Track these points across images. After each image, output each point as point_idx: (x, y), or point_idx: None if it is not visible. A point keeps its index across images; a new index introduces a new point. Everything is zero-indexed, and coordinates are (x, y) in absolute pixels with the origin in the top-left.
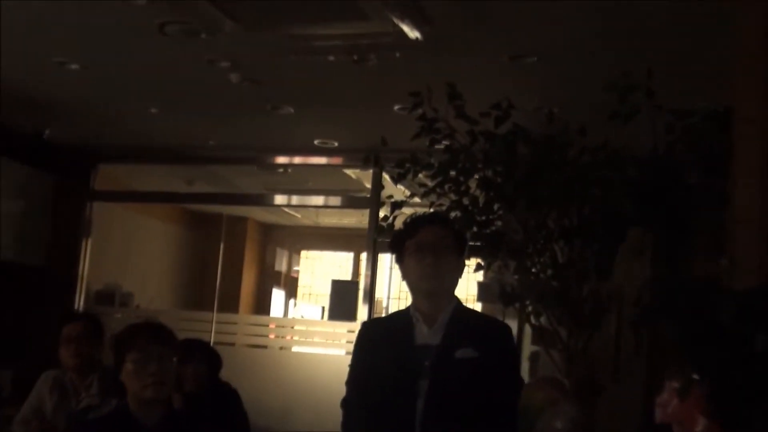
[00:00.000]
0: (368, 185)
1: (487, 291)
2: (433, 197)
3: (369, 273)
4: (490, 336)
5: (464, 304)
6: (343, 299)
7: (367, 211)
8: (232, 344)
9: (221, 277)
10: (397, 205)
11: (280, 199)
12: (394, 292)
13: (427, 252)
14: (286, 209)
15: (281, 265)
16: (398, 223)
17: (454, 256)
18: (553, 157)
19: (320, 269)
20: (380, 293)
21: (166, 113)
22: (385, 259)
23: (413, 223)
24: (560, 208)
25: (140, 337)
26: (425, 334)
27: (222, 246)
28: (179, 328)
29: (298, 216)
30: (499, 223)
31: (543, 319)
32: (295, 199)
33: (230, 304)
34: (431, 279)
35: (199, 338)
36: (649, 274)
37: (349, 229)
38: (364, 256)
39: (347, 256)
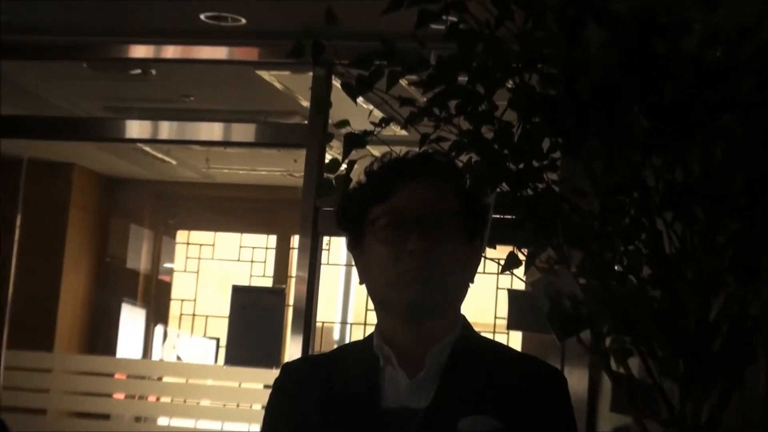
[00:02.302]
0: (304, 102)
1: (527, 308)
2: (426, 126)
3: (306, 273)
4: (527, 394)
5: (478, 332)
6: (256, 325)
7: (301, 153)
8: (43, 412)
9: (17, 279)
10: (355, 140)
11: (136, 128)
12: (354, 309)
13: (409, 230)
14: (148, 148)
15: (139, 259)
16: (358, 175)
17: (462, 238)
18: (655, 49)
19: (213, 267)
20: (327, 312)
21: None
22: (340, 247)
23: (384, 172)
24: (669, 150)
25: None
26: (402, 390)
27: (19, 218)
28: None
29: (172, 162)
30: (553, 176)
31: (634, 365)
32: (167, 129)
33: (37, 333)
34: (417, 284)
35: None
36: None
37: (269, 189)
38: (295, 240)
39: (264, 241)
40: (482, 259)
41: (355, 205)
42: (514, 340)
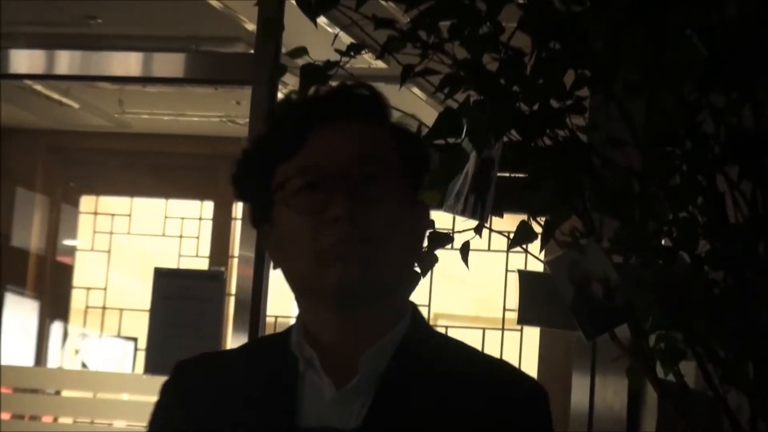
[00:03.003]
0: (248, 25)
1: (544, 296)
2: (409, 55)
3: (252, 252)
4: (494, 414)
5: (443, 328)
6: (186, 321)
7: (246, 93)
8: None
9: None
10: (316, 74)
11: (24, 60)
12: None
13: (331, 192)
14: (41, 87)
15: (28, 234)
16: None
17: (404, 196)
18: None
19: (129, 245)
20: (281, 303)
21: None
22: None
23: (290, 117)
24: (734, 85)
25: None
26: (327, 404)
27: None
28: None
29: (73, 105)
30: (579, 121)
31: (688, 370)
32: (66, 61)
33: None
34: (344, 261)
35: None
36: None
37: (203, 140)
38: (239, 208)
39: (197, 210)
40: (485, 231)
41: (255, 166)
42: (530, 340)
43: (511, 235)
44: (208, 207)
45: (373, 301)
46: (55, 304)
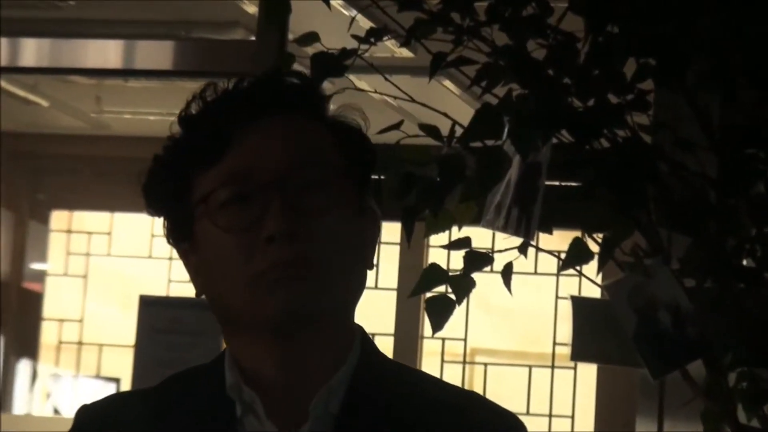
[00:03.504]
0: (249, 7)
1: (601, 327)
2: (440, 41)
3: None
4: None
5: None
6: (177, 357)
7: None
8: None
9: None
10: (329, 65)
11: None
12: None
13: (264, 204)
14: (4, 82)
15: None
16: None
17: (348, 205)
18: None
19: (109, 269)
20: None
21: None
22: None
23: (210, 115)
24: None
25: None
26: None
27: None
28: None
29: (42, 103)
30: (642, 119)
31: None
32: (33, 51)
33: None
34: (284, 287)
35: None
36: None
37: None
38: None
39: None
40: (531, 250)
41: (172, 176)
42: (585, 380)
43: (563, 255)
44: None
45: (319, 331)
46: (21, 338)
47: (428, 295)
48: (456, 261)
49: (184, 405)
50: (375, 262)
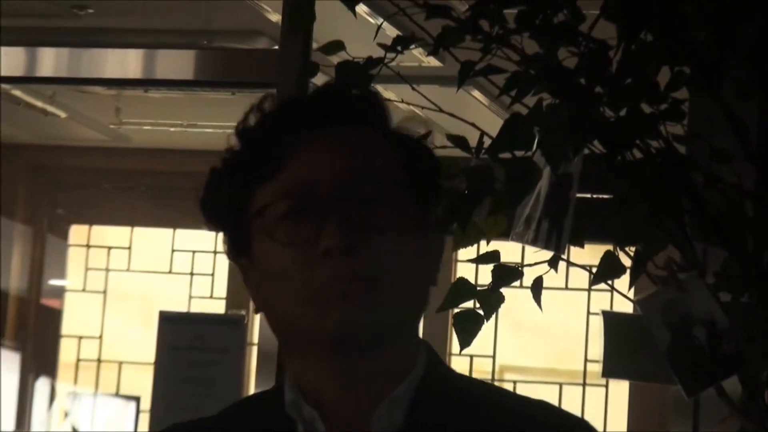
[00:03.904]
0: (272, 15)
1: (634, 343)
2: (469, 49)
3: None
4: None
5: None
6: (199, 376)
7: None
8: None
9: None
10: (355, 73)
11: (1, 60)
12: None
13: (322, 218)
14: (20, 92)
15: (7, 272)
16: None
17: (411, 220)
18: None
19: (129, 284)
20: None
21: None
22: None
23: (268, 128)
24: None
25: None
26: None
27: None
28: None
29: (60, 114)
30: (677, 129)
31: None
32: (51, 61)
33: None
34: (342, 302)
35: None
36: None
37: (218, 156)
38: None
39: (212, 241)
40: (561, 264)
41: (229, 189)
42: (617, 397)
43: (594, 270)
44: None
45: (379, 349)
46: (39, 356)
47: (456, 310)
48: (484, 275)
49: (246, 428)
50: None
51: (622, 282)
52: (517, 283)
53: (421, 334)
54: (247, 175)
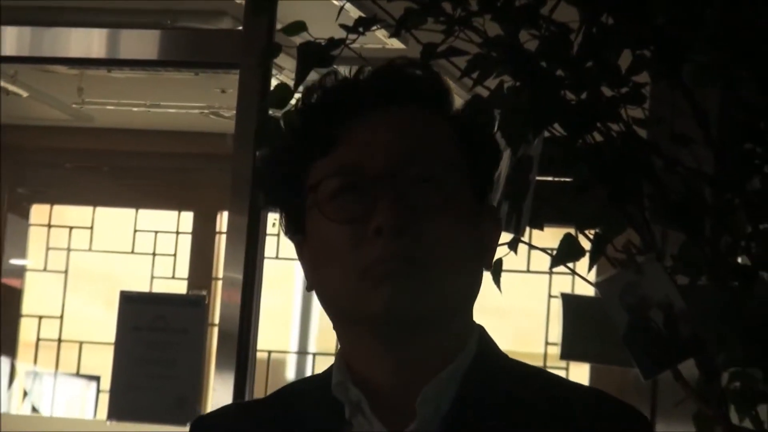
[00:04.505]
0: None
1: (592, 325)
2: (431, 32)
3: (240, 273)
4: None
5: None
6: (159, 356)
7: (233, 78)
8: None
9: None
10: (317, 55)
11: None
12: (321, 331)
13: (375, 196)
14: None
15: None
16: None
17: (465, 203)
18: None
19: (91, 264)
20: (276, 336)
21: None
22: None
23: (325, 106)
24: None
25: None
26: None
27: None
28: None
29: (21, 93)
30: (637, 113)
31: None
32: (13, 40)
33: None
34: (392, 282)
35: None
36: None
37: (181, 137)
38: (224, 220)
39: (174, 221)
40: (522, 247)
41: (286, 164)
42: (578, 378)
43: (554, 252)
44: (186, 218)
45: (428, 330)
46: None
47: None
48: None
49: (295, 411)
50: None
51: (583, 265)
52: None
53: None
54: (304, 151)
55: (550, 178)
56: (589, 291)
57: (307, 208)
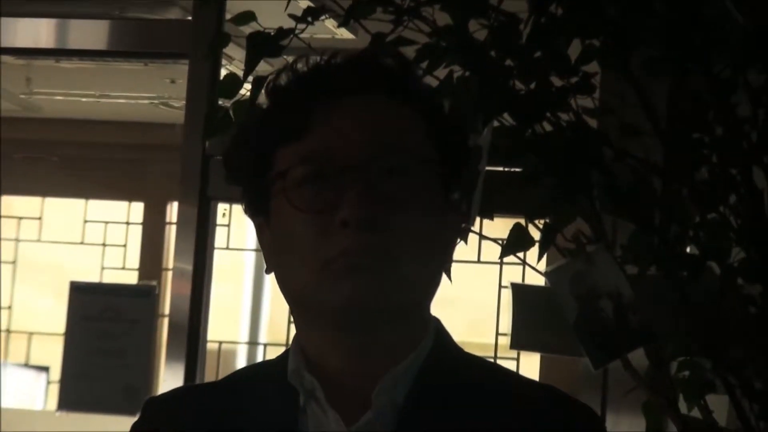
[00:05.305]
0: None
1: (542, 315)
2: (380, 22)
3: (190, 263)
4: None
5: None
6: (109, 347)
7: (182, 68)
8: None
9: None
10: (266, 45)
11: None
12: (271, 321)
13: (342, 187)
14: None
15: None
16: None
17: (432, 196)
18: None
19: (40, 255)
20: (226, 326)
21: None
22: (246, 220)
23: (296, 90)
24: None
25: None
26: None
27: None
28: None
29: None
30: (586, 103)
31: (718, 405)
32: None
33: None
34: (355, 276)
35: None
36: None
37: (130, 127)
38: (173, 210)
39: (124, 212)
40: (473, 237)
41: (253, 147)
42: (528, 369)
43: (504, 242)
44: (137, 209)
45: (388, 323)
46: None
47: None
48: None
49: (247, 395)
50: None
51: (533, 254)
52: None
53: None
54: (272, 134)
55: (499, 168)
56: (540, 281)
57: (273, 193)
